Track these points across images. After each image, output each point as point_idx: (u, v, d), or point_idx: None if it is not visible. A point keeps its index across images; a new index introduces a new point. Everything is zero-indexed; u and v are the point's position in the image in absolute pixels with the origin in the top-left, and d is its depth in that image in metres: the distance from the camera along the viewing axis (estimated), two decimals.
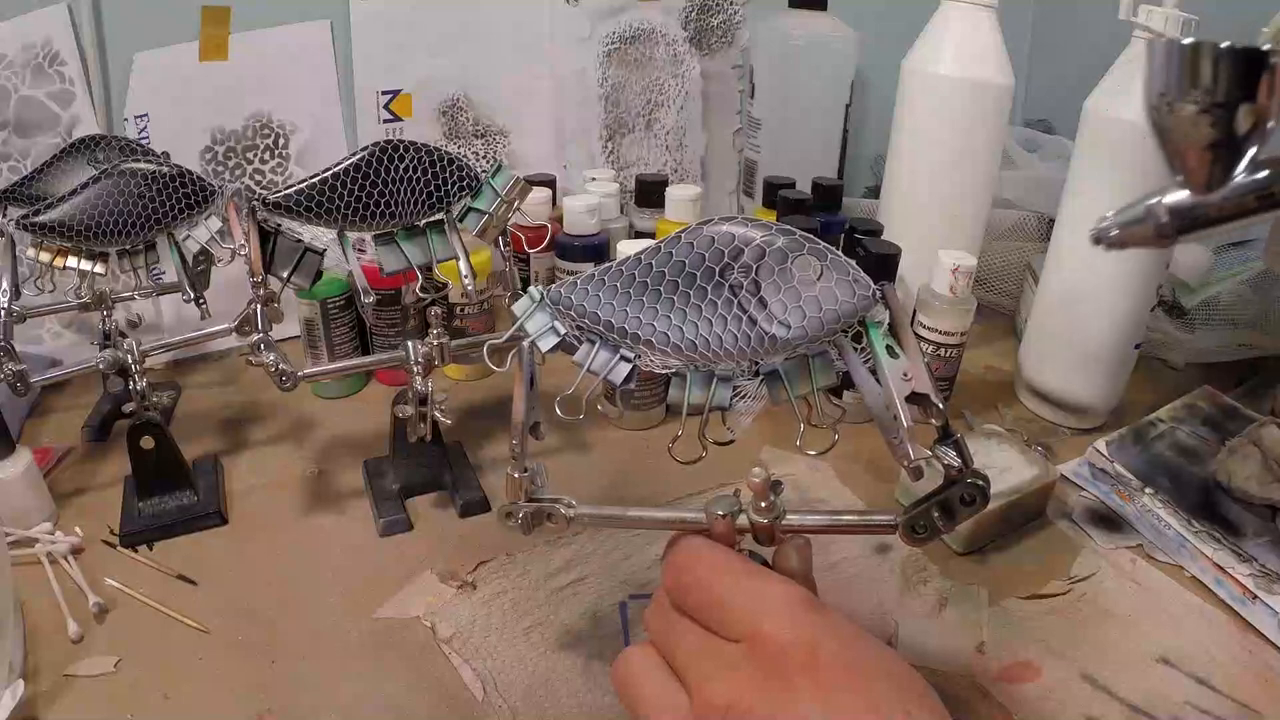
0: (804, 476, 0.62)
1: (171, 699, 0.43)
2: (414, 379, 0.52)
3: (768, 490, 0.33)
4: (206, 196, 0.53)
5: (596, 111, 0.91)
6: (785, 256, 0.32)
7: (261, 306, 0.49)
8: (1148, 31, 0.57)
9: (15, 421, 0.64)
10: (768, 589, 0.31)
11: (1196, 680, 0.46)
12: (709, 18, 0.93)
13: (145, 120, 0.74)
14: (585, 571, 0.52)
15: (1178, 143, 0.24)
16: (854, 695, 0.28)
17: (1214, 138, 0.23)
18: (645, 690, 0.32)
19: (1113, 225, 0.28)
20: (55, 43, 0.69)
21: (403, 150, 0.49)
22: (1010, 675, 0.46)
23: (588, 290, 0.34)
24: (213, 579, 0.51)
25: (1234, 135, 0.23)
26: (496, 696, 0.44)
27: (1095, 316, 0.64)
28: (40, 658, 0.45)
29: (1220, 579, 0.51)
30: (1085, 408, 0.68)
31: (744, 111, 0.97)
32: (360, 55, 0.81)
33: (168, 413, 0.68)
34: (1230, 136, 0.23)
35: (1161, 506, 0.56)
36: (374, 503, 0.57)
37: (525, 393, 0.36)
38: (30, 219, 0.49)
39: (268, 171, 0.79)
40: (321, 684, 0.44)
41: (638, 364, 0.35)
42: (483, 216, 0.51)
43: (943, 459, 0.32)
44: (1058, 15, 1.09)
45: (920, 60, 0.70)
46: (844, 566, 0.54)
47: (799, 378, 0.33)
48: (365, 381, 0.74)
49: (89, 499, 0.58)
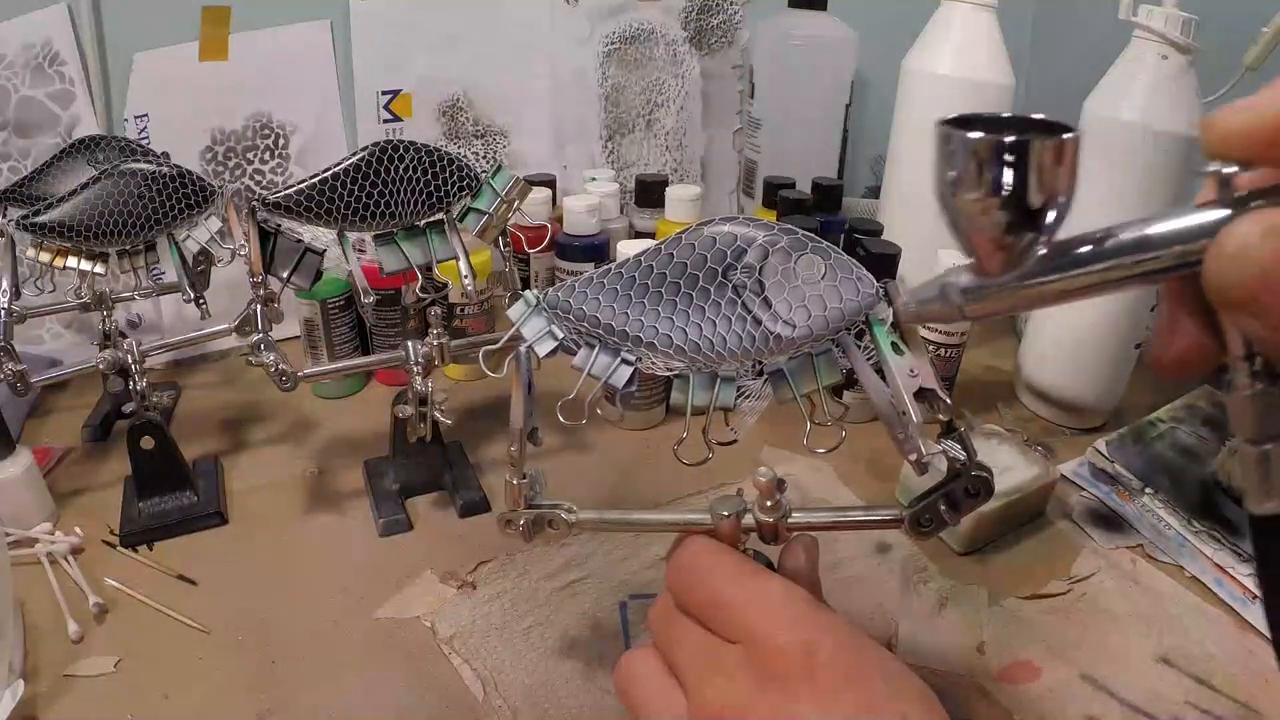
0: (804, 476, 0.62)
1: (171, 699, 0.43)
2: (414, 379, 0.52)
3: (774, 489, 0.33)
4: (206, 197, 0.53)
5: (596, 111, 0.91)
6: (789, 255, 0.32)
7: (261, 306, 0.49)
8: (1148, 31, 0.57)
9: (15, 421, 0.64)
10: (768, 589, 0.31)
11: (1196, 680, 0.46)
12: (709, 18, 0.93)
13: (145, 120, 0.73)
14: (585, 572, 0.52)
15: (964, 228, 0.24)
16: (852, 697, 0.28)
17: (1000, 223, 0.23)
18: (644, 693, 0.32)
19: (911, 300, 0.29)
20: (55, 43, 0.69)
21: (403, 150, 0.49)
22: (1010, 675, 0.46)
23: (586, 293, 0.34)
24: (213, 579, 0.51)
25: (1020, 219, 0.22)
26: (496, 696, 0.44)
27: (1095, 316, 0.64)
28: (40, 658, 0.45)
29: (1220, 579, 0.51)
30: (1085, 408, 0.68)
31: (744, 111, 0.97)
32: (360, 55, 0.81)
33: (168, 413, 0.68)
34: (1016, 221, 0.22)
35: (1161, 506, 0.56)
36: (374, 503, 0.57)
37: (523, 398, 0.36)
38: (30, 219, 0.49)
39: (268, 172, 0.79)
40: (321, 684, 0.44)
41: (639, 367, 0.34)
42: (483, 216, 0.51)
43: (948, 452, 0.32)
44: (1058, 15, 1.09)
45: (920, 60, 0.70)
46: (844, 566, 0.54)
47: (804, 376, 0.33)
48: (365, 381, 0.74)
49: (89, 499, 0.58)
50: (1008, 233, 0.23)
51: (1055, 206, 0.22)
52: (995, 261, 0.24)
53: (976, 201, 0.22)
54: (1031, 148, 0.21)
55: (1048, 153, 0.21)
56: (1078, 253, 0.23)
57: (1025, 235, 0.23)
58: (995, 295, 0.25)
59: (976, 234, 0.24)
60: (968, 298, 0.26)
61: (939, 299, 0.27)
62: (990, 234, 0.23)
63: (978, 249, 0.24)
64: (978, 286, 0.25)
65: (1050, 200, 0.22)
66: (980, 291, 0.25)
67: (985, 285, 0.25)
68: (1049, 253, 0.23)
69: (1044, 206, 0.22)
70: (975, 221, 0.23)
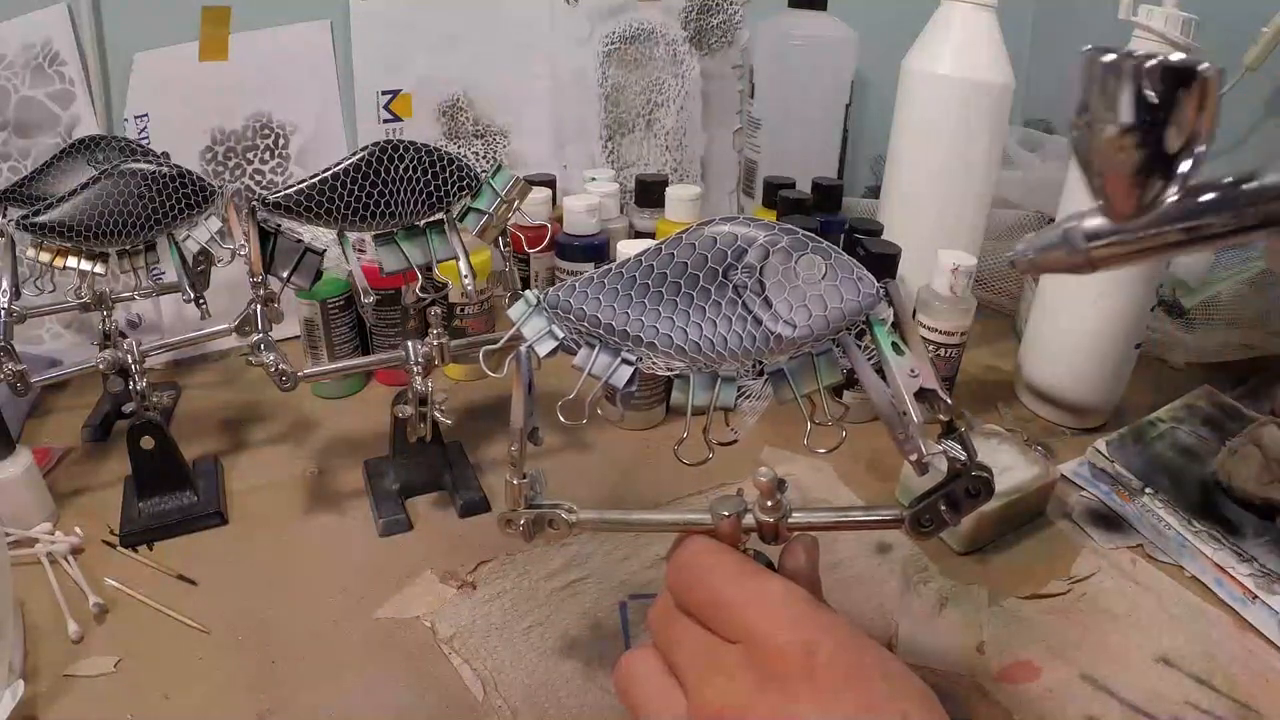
0: (805, 477, 0.62)
1: (171, 699, 0.43)
2: (414, 379, 0.52)
3: (775, 489, 0.33)
4: (206, 197, 0.53)
5: (596, 111, 0.91)
6: (790, 255, 0.32)
7: (261, 306, 0.49)
8: (1148, 31, 0.57)
9: (15, 421, 0.64)
10: (767, 589, 0.31)
11: (1196, 680, 0.46)
12: (709, 18, 0.93)
13: (145, 120, 0.73)
14: (585, 572, 0.52)
15: (1098, 166, 0.23)
16: (852, 697, 0.28)
17: (1137, 162, 0.22)
18: (644, 693, 0.32)
19: (1029, 249, 0.27)
20: (55, 43, 0.69)
21: (403, 150, 0.49)
22: (1010, 675, 0.46)
23: (586, 293, 0.34)
24: (213, 579, 0.51)
25: (1158, 159, 0.21)
26: (496, 696, 0.44)
27: (1095, 316, 0.64)
28: (40, 658, 0.45)
29: (1220, 579, 0.51)
30: (1085, 408, 0.68)
31: (744, 111, 0.97)
32: (360, 55, 0.81)
33: (168, 413, 0.68)
34: (1154, 161, 0.21)
35: (1161, 506, 0.56)
36: (374, 503, 0.57)
37: (523, 398, 0.36)
38: (30, 219, 0.49)
39: (268, 171, 0.79)
40: (321, 684, 0.44)
41: (639, 367, 0.34)
42: (483, 216, 0.51)
43: (948, 452, 0.32)
44: (1058, 15, 1.09)
45: (920, 60, 0.70)
46: (844, 566, 0.54)
47: (804, 376, 0.33)
48: (365, 381, 0.74)
49: (89, 499, 0.58)
50: (1142, 173, 0.22)
51: (1192, 152, 0.21)
52: (1128, 204, 0.23)
53: (1114, 136, 0.21)
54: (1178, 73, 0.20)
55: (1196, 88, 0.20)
56: (1210, 198, 0.22)
57: (1159, 178, 0.22)
58: (1123, 241, 0.24)
59: (1110, 173, 0.22)
60: (1094, 242, 0.24)
61: (1063, 244, 0.25)
62: (1125, 172, 0.22)
63: (1110, 189, 0.23)
64: (1107, 231, 0.24)
65: (1190, 142, 0.21)
66: (1109, 236, 0.24)
67: (1115, 230, 0.24)
68: (1182, 198, 0.22)
69: (1181, 150, 0.21)
70: (1110, 159, 0.22)
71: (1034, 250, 0.27)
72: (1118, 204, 0.23)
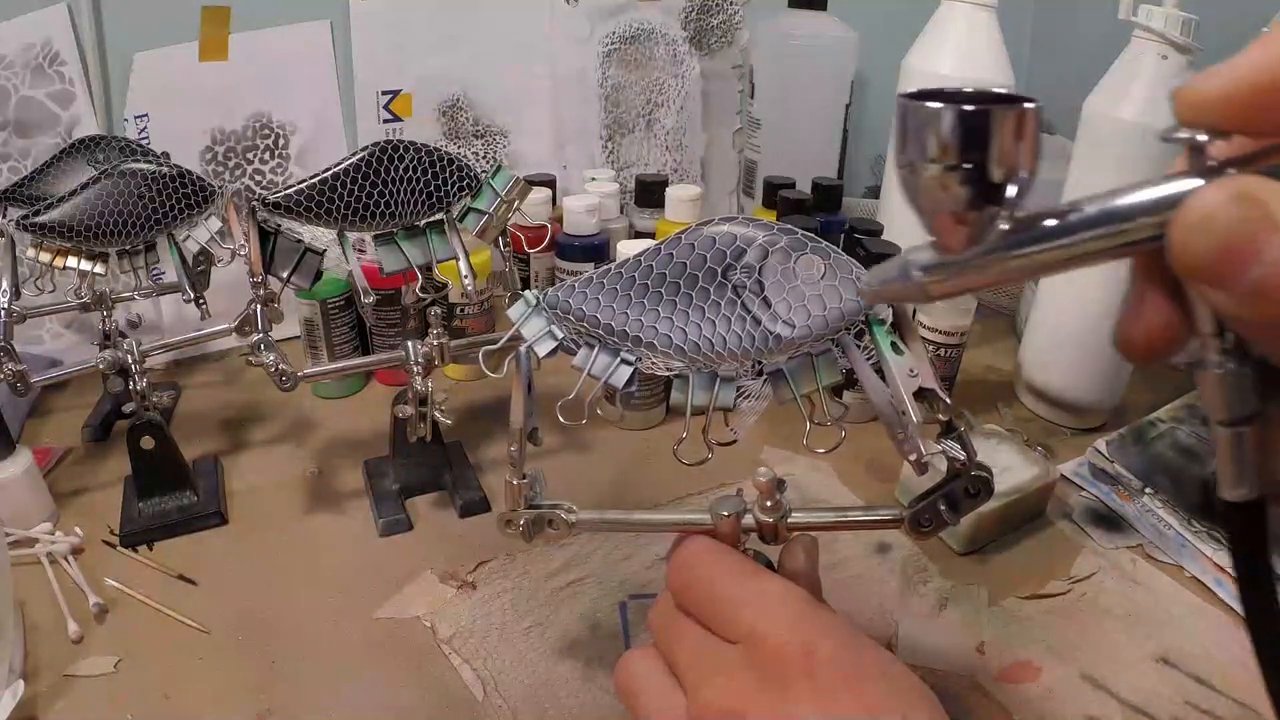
0: (804, 477, 0.62)
1: (171, 699, 0.43)
2: (414, 379, 0.52)
3: (774, 489, 0.33)
4: (206, 197, 0.53)
5: (596, 111, 0.91)
6: (789, 256, 0.32)
7: (261, 306, 0.49)
8: (1148, 31, 0.57)
9: (15, 421, 0.64)
10: (767, 589, 0.31)
11: (1196, 680, 0.46)
12: (709, 18, 0.93)
13: (145, 120, 0.73)
14: (585, 572, 0.52)
15: (922, 206, 0.23)
16: (851, 697, 0.28)
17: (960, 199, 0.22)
18: (644, 693, 0.32)
19: (873, 279, 0.28)
20: (55, 43, 0.69)
21: (403, 150, 0.49)
22: (1010, 675, 0.46)
23: (586, 293, 0.34)
24: (213, 579, 0.51)
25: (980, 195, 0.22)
26: (496, 697, 0.44)
27: (1095, 316, 0.64)
28: (40, 658, 0.45)
29: (1220, 579, 0.51)
30: (1085, 408, 0.68)
31: (744, 111, 0.97)
32: (360, 55, 0.81)
33: (168, 413, 0.68)
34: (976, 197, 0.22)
35: (1161, 506, 0.56)
36: (374, 503, 0.57)
37: (523, 398, 0.36)
38: (30, 219, 0.49)
39: (268, 172, 0.79)
40: (321, 684, 0.44)
41: (639, 367, 0.34)
42: (483, 217, 0.51)
43: (948, 452, 0.32)
44: (1058, 15, 1.09)
45: (920, 60, 0.70)
46: (844, 566, 0.54)
47: (803, 376, 0.33)
48: (365, 381, 0.74)
49: (89, 499, 0.58)
50: (968, 207, 0.22)
51: (1016, 180, 0.22)
52: (957, 237, 0.23)
53: (936, 176, 0.22)
54: (992, 117, 0.21)
55: (1008, 123, 0.21)
56: (1042, 227, 0.22)
57: (986, 210, 0.22)
58: (958, 272, 0.24)
59: (937, 209, 0.23)
60: (929, 275, 0.25)
61: (900, 278, 0.26)
62: (951, 208, 0.22)
63: (938, 225, 0.23)
64: (940, 264, 0.24)
65: (1011, 174, 0.22)
66: (942, 268, 0.24)
67: (947, 262, 0.24)
68: (1012, 228, 0.23)
69: (1005, 180, 0.22)
70: (935, 196, 0.22)
71: (877, 282, 0.27)
72: (946, 239, 0.24)
